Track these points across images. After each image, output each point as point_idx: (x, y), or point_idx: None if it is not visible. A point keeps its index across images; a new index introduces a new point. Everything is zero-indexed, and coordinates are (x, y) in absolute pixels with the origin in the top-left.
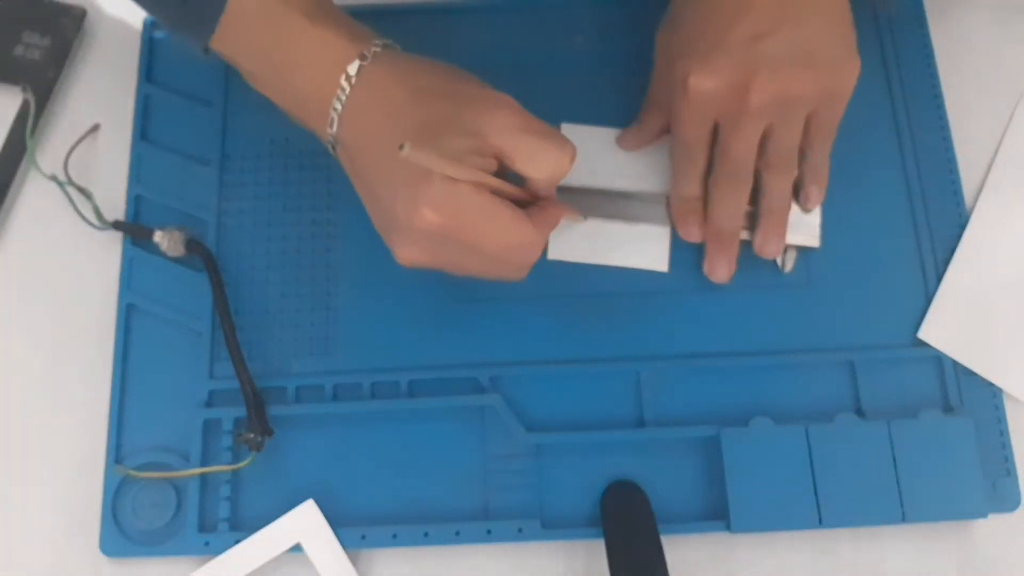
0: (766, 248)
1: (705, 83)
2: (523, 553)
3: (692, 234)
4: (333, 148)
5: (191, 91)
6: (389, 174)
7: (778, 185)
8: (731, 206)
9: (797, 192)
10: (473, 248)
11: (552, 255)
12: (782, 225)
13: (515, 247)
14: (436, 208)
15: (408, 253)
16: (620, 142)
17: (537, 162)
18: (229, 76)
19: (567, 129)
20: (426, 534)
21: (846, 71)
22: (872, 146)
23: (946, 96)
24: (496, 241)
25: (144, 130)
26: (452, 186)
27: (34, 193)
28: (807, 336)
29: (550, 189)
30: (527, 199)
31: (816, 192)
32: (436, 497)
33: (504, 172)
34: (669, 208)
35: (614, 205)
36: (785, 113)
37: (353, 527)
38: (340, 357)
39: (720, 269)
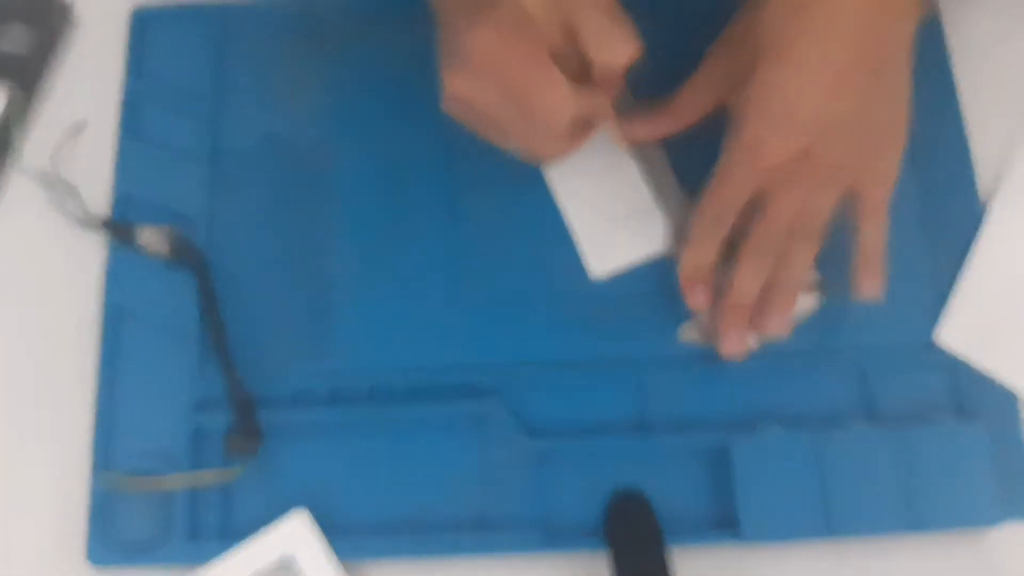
0: (770, 322)
1: (778, 155)
2: (524, 565)
3: (701, 303)
4: None
5: (180, 85)
6: (465, 4)
7: (803, 255)
8: (758, 278)
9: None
10: (509, 91)
11: (597, 273)
12: (792, 301)
13: (547, 105)
14: (490, 32)
15: (454, 84)
16: (645, 130)
17: (600, 43)
18: (221, 70)
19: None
20: (424, 545)
21: (896, 149)
22: None
23: (961, 92)
24: (530, 91)
25: (131, 126)
26: (511, 16)
27: (19, 191)
28: (817, 338)
29: (608, 79)
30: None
31: (872, 281)
32: (434, 506)
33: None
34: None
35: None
36: (830, 180)
37: (348, 536)
38: (335, 361)
39: (738, 344)
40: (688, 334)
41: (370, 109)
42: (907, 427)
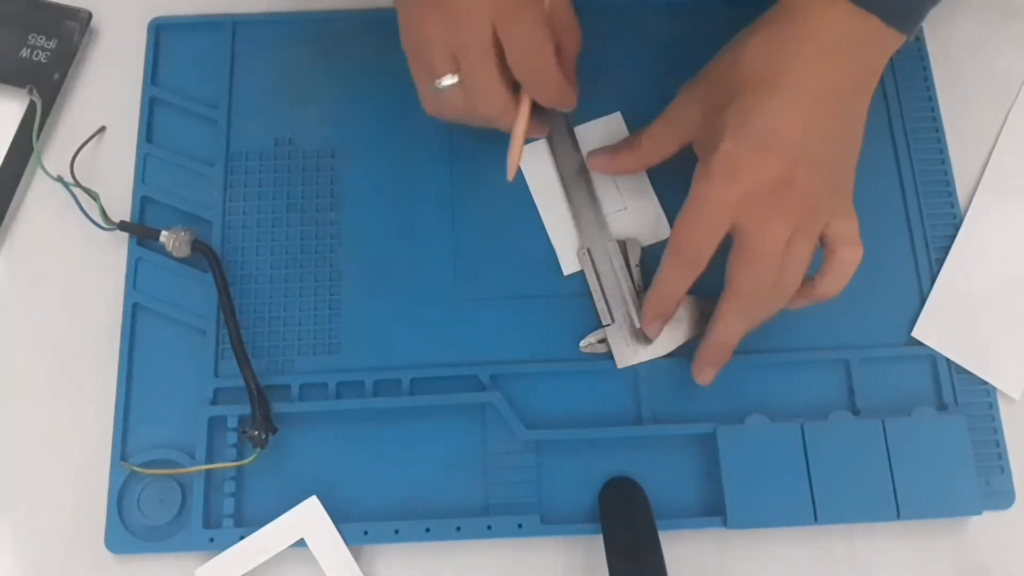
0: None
1: (757, 176)
2: (523, 549)
3: (657, 332)
4: None
5: (196, 93)
6: None
7: (778, 306)
8: (745, 324)
9: None
10: (500, 16)
11: (566, 273)
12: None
13: (533, 39)
14: None
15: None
16: (609, 164)
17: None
18: (234, 77)
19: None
20: (427, 530)
21: (849, 192)
22: (867, 147)
23: (940, 98)
24: (522, 21)
25: (149, 132)
26: None
27: (40, 195)
28: (803, 335)
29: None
30: None
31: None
32: (437, 493)
33: None
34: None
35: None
36: (808, 219)
37: (356, 523)
38: (343, 355)
39: (711, 375)
40: (591, 346)
41: (376, 115)
42: (889, 419)
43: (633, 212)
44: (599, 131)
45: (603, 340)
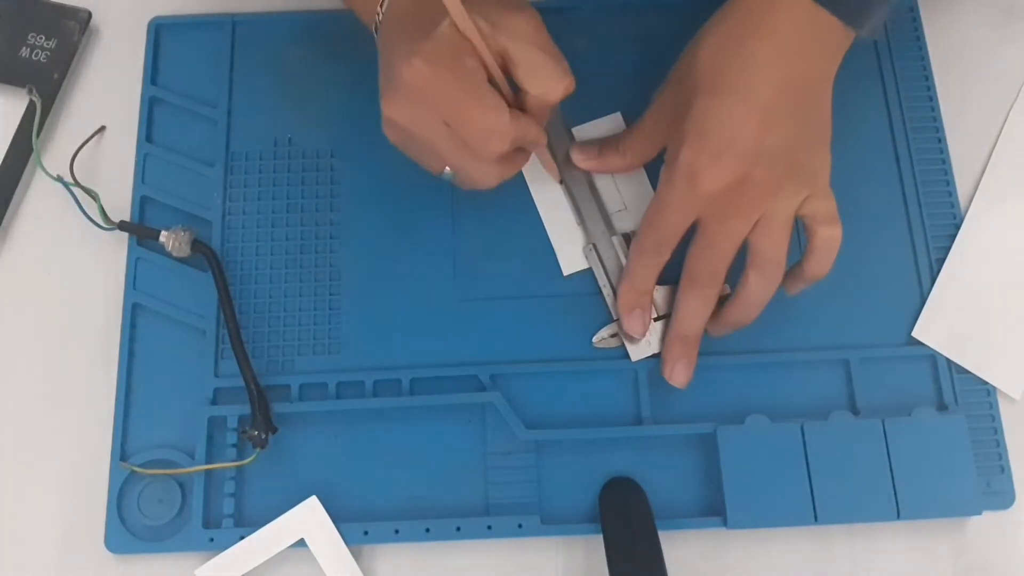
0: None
1: (716, 184)
2: (523, 549)
3: (639, 328)
4: (376, 30)
5: (195, 93)
6: (403, 36)
7: (760, 289)
8: (702, 309)
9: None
10: (446, 117)
11: (566, 273)
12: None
13: (486, 130)
14: (428, 60)
15: (391, 111)
16: (596, 162)
17: (536, 76)
18: (233, 77)
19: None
20: (427, 530)
21: (822, 184)
22: (867, 147)
23: (940, 97)
24: (470, 116)
25: (149, 132)
26: (449, 45)
27: (40, 194)
28: (803, 335)
29: (540, 110)
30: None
31: (791, 290)
32: (437, 493)
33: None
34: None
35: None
36: (773, 211)
37: (356, 523)
38: (343, 355)
39: (683, 374)
40: (603, 341)
41: (376, 115)
42: (889, 419)
43: (633, 212)
44: (599, 131)
45: (615, 335)
